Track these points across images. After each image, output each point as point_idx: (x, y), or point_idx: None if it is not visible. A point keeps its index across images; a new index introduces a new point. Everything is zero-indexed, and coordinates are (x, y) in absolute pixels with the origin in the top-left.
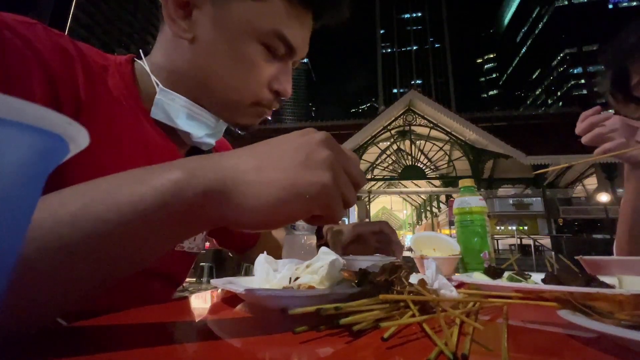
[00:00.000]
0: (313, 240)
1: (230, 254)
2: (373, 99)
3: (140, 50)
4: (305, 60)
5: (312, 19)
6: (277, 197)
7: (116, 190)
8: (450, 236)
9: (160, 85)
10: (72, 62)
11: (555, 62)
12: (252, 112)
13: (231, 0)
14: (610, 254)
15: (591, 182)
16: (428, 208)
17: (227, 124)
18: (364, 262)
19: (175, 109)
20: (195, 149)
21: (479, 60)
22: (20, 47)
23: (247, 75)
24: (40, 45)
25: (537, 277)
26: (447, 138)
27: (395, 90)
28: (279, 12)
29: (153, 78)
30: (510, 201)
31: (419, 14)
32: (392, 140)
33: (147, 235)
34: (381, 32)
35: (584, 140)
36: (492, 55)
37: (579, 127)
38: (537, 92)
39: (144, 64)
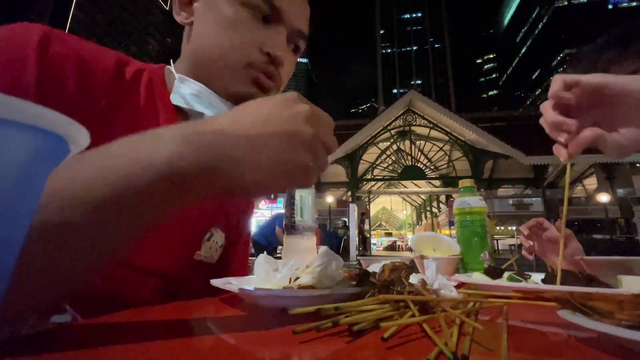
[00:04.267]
0: (313, 240)
1: None
2: (373, 99)
3: (172, 61)
4: (305, 60)
5: None
6: (269, 172)
7: (111, 168)
8: (450, 236)
9: (177, 74)
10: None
11: (555, 62)
12: (245, 75)
13: None
14: (610, 253)
15: (591, 182)
16: (428, 208)
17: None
18: None
19: (189, 93)
20: None
21: (478, 61)
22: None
23: (234, 36)
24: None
25: (537, 277)
26: (447, 138)
27: (395, 91)
28: None
29: (172, 69)
30: (510, 201)
31: (419, 14)
32: (392, 140)
33: (143, 206)
34: (381, 32)
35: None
36: (492, 56)
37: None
38: (537, 93)
39: (171, 66)
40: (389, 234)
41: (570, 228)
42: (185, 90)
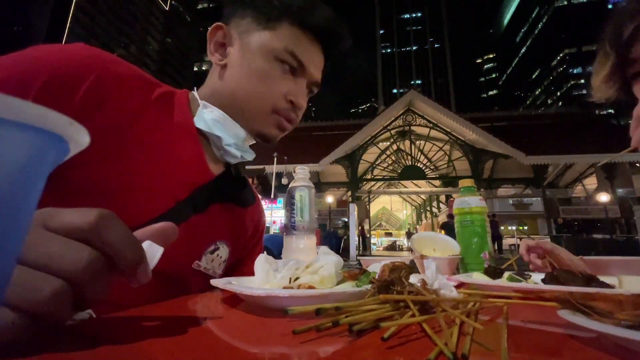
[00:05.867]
0: (313, 240)
1: None
2: (373, 99)
3: (195, 89)
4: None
5: (320, 47)
6: None
7: None
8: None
9: (203, 101)
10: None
11: (555, 62)
12: (272, 120)
13: (252, 33)
14: (610, 253)
15: (591, 182)
16: (428, 208)
17: (253, 140)
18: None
19: (211, 118)
20: (227, 172)
21: (478, 60)
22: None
23: (265, 85)
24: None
25: (537, 277)
26: (447, 138)
27: (395, 90)
28: (290, 36)
29: (197, 96)
30: (510, 201)
31: (419, 14)
32: (392, 140)
33: None
34: (381, 32)
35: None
36: (491, 56)
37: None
38: (537, 92)
39: (195, 92)
40: (389, 234)
41: (571, 228)
42: (207, 116)
